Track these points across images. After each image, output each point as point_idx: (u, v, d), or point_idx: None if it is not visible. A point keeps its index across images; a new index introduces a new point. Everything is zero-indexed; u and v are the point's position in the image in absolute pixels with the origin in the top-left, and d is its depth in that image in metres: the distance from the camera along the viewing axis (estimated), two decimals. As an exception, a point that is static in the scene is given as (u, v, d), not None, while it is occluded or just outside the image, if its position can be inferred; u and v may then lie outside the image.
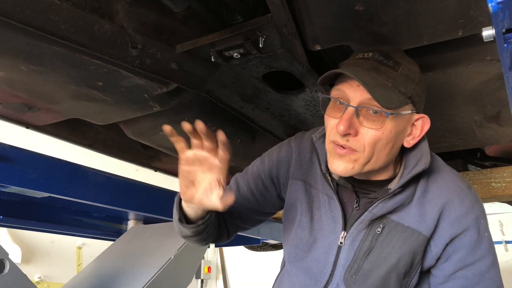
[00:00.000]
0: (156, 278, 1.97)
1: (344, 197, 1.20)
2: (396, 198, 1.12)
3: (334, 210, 1.18)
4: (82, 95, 1.52)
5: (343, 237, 1.16)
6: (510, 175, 2.19)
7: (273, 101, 1.71)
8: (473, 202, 1.13)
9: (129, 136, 1.98)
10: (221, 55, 1.33)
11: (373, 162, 1.08)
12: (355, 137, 1.05)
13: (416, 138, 1.12)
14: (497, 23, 0.63)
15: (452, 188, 1.13)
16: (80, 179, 1.54)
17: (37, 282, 4.29)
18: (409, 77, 1.06)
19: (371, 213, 1.13)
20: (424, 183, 1.14)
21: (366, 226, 1.14)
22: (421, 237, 1.10)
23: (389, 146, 1.07)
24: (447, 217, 1.10)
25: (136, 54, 1.28)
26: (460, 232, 1.10)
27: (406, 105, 1.06)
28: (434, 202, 1.11)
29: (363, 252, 1.13)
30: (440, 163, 1.20)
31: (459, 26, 1.11)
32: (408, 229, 1.11)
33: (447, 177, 1.15)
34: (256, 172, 1.35)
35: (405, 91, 1.05)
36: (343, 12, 1.11)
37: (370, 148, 1.05)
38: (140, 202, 1.81)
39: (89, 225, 2.49)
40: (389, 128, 1.05)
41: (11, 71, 1.34)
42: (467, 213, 1.10)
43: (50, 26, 1.10)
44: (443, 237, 1.11)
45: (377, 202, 1.12)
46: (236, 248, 5.34)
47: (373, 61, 1.05)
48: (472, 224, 1.10)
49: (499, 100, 1.55)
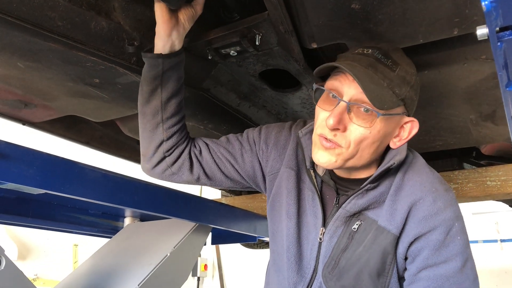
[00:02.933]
0: (152, 275, 1.97)
1: (327, 194, 1.22)
2: (369, 194, 1.12)
3: (315, 206, 1.20)
4: (79, 92, 1.52)
5: (322, 233, 1.17)
6: (505, 174, 2.20)
7: (270, 99, 1.71)
8: (447, 204, 1.09)
9: (125, 134, 1.98)
10: (218, 53, 1.33)
11: (356, 159, 1.08)
12: (343, 132, 1.05)
13: (403, 141, 1.12)
14: (490, 22, 0.63)
15: (427, 188, 1.11)
16: (77, 176, 1.54)
17: (33, 279, 4.29)
18: (405, 79, 1.06)
19: (344, 209, 1.14)
20: (400, 180, 1.13)
21: (343, 223, 1.15)
22: (390, 236, 1.09)
23: (375, 145, 1.07)
24: (415, 215, 1.08)
25: (132, 51, 1.28)
26: (426, 231, 1.07)
27: (398, 107, 1.06)
28: (405, 200, 1.10)
29: (340, 249, 1.14)
30: (420, 162, 1.18)
31: (455, 25, 1.11)
32: (379, 228, 1.11)
33: (424, 177, 1.14)
34: (247, 137, 1.34)
35: (399, 93, 1.04)
36: (339, 10, 1.11)
37: (354, 146, 1.05)
38: (136, 199, 1.80)
39: (86, 222, 2.48)
40: (378, 128, 1.05)
41: (7, 67, 1.34)
42: (436, 213, 1.08)
43: (47, 22, 1.10)
44: (409, 235, 1.09)
45: (349, 198, 1.13)
46: (233, 246, 5.34)
47: (372, 59, 1.05)
48: (441, 225, 1.07)
49: (494, 99, 1.56)
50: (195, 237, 2.25)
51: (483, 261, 5.07)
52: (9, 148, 1.34)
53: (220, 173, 1.32)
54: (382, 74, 1.03)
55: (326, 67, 1.07)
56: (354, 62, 1.05)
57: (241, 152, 1.31)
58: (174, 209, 2.00)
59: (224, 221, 2.33)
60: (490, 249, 5.22)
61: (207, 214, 2.22)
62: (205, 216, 2.21)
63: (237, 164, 1.32)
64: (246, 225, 2.57)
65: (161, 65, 1.18)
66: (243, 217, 2.59)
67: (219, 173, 1.32)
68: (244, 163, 1.32)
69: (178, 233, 2.21)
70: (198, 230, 2.27)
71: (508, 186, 2.17)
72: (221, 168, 1.32)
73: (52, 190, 1.45)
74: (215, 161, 1.31)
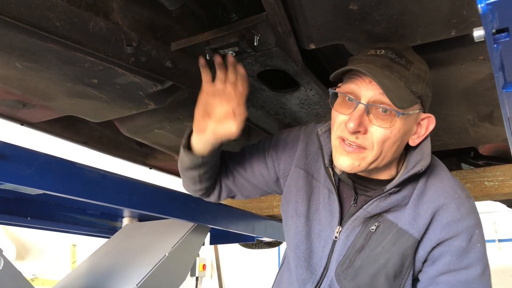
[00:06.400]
0: (150, 275, 1.98)
1: (344, 193, 1.22)
2: (391, 198, 1.12)
3: (332, 204, 1.20)
4: (77, 92, 1.52)
5: (338, 232, 1.17)
6: (503, 174, 2.21)
7: (268, 99, 1.71)
8: (470, 212, 1.11)
9: (124, 134, 1.98)
10: (216, 53, 1.33)
11: (380, 160, 1.09)
12: (364, 135, 1.05)
13: (421, 137, 1.13)
14: (486, 24, 0.64)
15: (450, 194, 1.12)
16: (75, 176, 1.54)
17: (31, 279, 4.28)
18: (420, 77, 1.06)
19: (365, 211, 1.14)
20: (423, 185, 1.14)
21: (361, 223, 1.15)
22: (411, 239, 1.10)
23: (396, 145, 1.08)
24: (439, 220, 1.10)
25: (131, 52, 1.28)
26: (449, 237, 1.09)
27: (415, 105, 1.07)
28: (429, 205, 1.11)
29: (355, 249, 1.14)
30: (442, 168, 1.19)
31: (452, 26, 1.12)
32: (400, 230, 1.12)
33: (447, 182, 1.15)
34: (261, 147, 1.40)
35: (416, 91, 1.05)
36: (337, 11, 1.12)
37: (379, 147, 1.05)
38: (135, 199, 1.80)
39: (84, 223, 2.48)
40: (398, 128, 1.05)
41: (6, 68, 1.34)
42: (460, 220, 1.09)
43: (45, 23, 1.10)
44: (431, 240, 1.10)
45: (372, 200, 1.13)
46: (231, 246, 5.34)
47: (386, 59, 1.05)
48: (464, 231, 1.09)
49: (492, 100, 1.56)
50: (193, 237, 2.26)
51: (481, 261, 5.07)
52: (7, 149, 1.34)
53: (253, 191, 1.45)
54: (398, 73, 1.04)
55: (342, 71, 1.07)
56: (369, 64, 1.05)
57: (260, 171, 1.39)
58: (172, 209, 2.00)
59: (223, 221, 2.34)
60: (488, 249, 5.22)
61: (206, 214, 2.23)
62: (203, 216, 2.22)
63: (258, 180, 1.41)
64: (244, 225, 2.57)
65: (201, 159, 1.25)
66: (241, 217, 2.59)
67: (253, 192, 1.45)
68: (262, 176, 1.40)
69: (176, 233, 2.22)
70: (197, 230, 2.27)
71: (505, 187, 2.18)
72: (253, 188, 1.44)
73: (50, 191, 1.45)
74: (245, 186, 1.43)
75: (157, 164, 2.49)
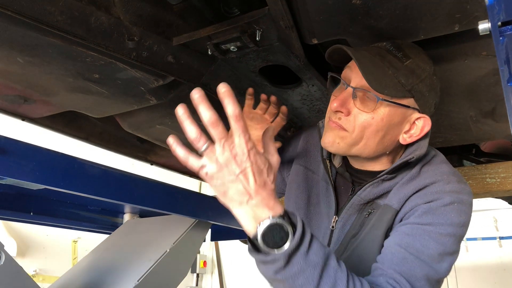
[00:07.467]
0: (151, 271, 1.98)
1: (342, 185, 1.24)
2: (384, 184, 1.13)
3: (329, 195, 1.23)
4: (78, 87, 1.52)
5: (335, 221, 1.19)
6: (504, 171, 2.20)
7: (270, 95, 1.70)
8: (459, 191, 1.06)
9: (125, 129, 1.98)
10: (218, 48, 1.33)
11: (362, 146, 1.09)
12: (346, 116, 1.07)
13: (414, 137, 1.10)
14: (492, 16, 0.63)
15: (440, 177, 1.08)
16: (76, 171, 1.54)
17: (32, 275, 4.29)
18: (414, 72, 1.06)
19: (359, 197, 1.15)
20: (416, 172, 1.12)
21: (356, 210, 1.16)
22: (392, 210, 1.09)
23: (380, 134, 1.07)
24: (421, 192, 1.06)
25: (132, 47, 1.28)
26: (425, 202, 1.04)
27: (404, 98, 1.06)
28: (416, 184, 1.08)
29: (350, 235, 1.15)
30: (441, 159, 1.17)
31: (456, 21, 1.11)
32: (385, 206, 1.11)
33: (443, 170, 1.12)
34: None
35: (405, 83, 1.04)
36: (340, 6, 1.11)
37: (359, 131, 1.06)
38: (136, 195, 1.80)
39: (85, 218, 2.49)
40: (381, 116, 1.05)
41: (7, 62, 1.33)
42: (443, 192, 1.04)
43: (46, 17, 1.09)
44: (407, 206, 1.07)
45: (365, 186, 1.14)
46: (232, 242, 5.34)
47: (383, 50, 1.08)
48: (440, 198, 1.03)
49: (494, 96, 1.56)
50: (194, 233, 2.25)
51: (482, 258, 5.08)
52: (8, 144, 1.34)
53: None
54: (389, 63, 1.05)
55: (334, 49, 1.09)
56: (364, 51, 1.07)
57: None
58: (173, 205, 2.00)
59: (224, 218, 2.34)
60: (489, 246, 5.22)
61: (207, 210, 2.23)
62: (204, 212, 2.21)
63: None
64: (245, 221, 2.56)
65: None
66: (243, 213, 2.58)
67: None
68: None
69: (177, 229, 2.22)
70: (198, 226, 2.27)
71: (507, 183, 2.18)
72: None
73: (51, 186, 1.45)
74: None
75: (158, 160, 2.49)
